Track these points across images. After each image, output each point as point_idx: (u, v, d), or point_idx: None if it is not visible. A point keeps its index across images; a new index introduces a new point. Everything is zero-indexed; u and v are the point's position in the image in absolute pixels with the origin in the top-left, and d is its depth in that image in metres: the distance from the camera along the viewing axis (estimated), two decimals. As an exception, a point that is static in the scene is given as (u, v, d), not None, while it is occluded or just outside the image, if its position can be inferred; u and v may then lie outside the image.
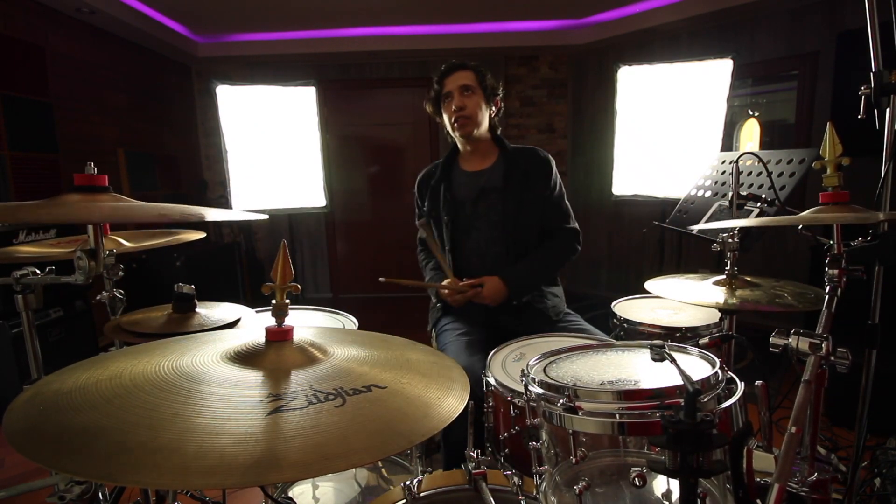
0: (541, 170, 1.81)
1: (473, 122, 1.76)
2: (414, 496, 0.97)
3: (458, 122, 1.75)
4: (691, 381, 0.71)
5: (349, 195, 5.30)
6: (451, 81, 1.76)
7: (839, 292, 1.00)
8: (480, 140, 1.82)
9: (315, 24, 4.54)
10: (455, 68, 1.78)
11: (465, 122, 1.75)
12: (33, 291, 0.99)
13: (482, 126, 1.79)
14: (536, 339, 1.51)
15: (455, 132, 1.79)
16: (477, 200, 1.80)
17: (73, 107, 3.56)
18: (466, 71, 1.76)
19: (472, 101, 1.75)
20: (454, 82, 1.75)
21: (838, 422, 2.27)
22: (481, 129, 1.79)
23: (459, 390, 0.72)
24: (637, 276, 1.73)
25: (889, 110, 1.16)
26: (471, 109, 1.74)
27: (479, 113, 1.76)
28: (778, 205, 1.65)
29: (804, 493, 0.99)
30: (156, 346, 0.80)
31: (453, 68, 1.78)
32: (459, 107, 1.74)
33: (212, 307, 1.26)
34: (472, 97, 1.75)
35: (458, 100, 1.74)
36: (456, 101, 1.74)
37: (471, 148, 1.84)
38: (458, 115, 1.74)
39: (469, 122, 1.75)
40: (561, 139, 5.24)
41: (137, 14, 3.91)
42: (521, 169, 1.79)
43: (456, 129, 1.78)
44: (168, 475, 0.50)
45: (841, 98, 3.35)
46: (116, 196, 0.94)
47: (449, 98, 1.77)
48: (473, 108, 1.75)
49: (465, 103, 1.74)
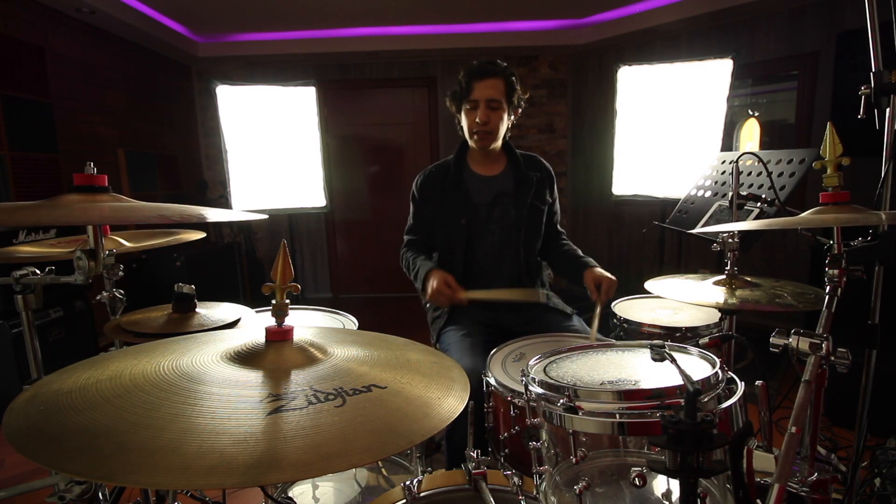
0: (546, 179, 1.87)
1: (494, 137, 1.75)
2: (414, 496, 0.97)
3: (479, 134, 1.73)
4: (691, 381, 0.71)
5: (349, 195, 5.30)
6: (480, 89, 1.70)
7: (839, 292, 1.00)
8: (495, 148, 1.82)
9: (315, 24, 4.54)
10: (487, 74, 1.70)
11: (485, 137, 1.73)
12: (33, 291, 0.99)
13: (500, 139, 1.79)
14: (536, 339, 1.51)
15: (473, 142, 1.78)
16: (492, 205, 1.80)
17: (72, 107, 3.56)
18: (497, 80, 1.70)
19: (496, 115, 1.71)
20: (483, 92, 1.69)
21: (838, 422, 2.27)
22: (499, 141, 1.79)
23: (459, 390, 0.72)
24: (637, 276, 1.73)
25: (889, 110, 1.16)
26: (493, 125, 1.72)
27: (500, 128, 1.74)
28: (778, 205, 1.65)
29: (804, 493, 0.99)
30: (156, 346, 0.80)
31: (486, 73, 1.70)
32: (483, 121, 1.70)
33: (212, 307, 1.26)
34: (497, 112, 1.71)
35: (483, 113, 1.70)
36: (480, 115, 1.70)
37: (482, 152, 1.83)
38: (480, 129, 1.72)
39: (489, 137, 1.74)
40: (561, 139, 5.24)
41: (137, 14, 3.91)
42: (530, 177, 1.82)
43: (475, 141, 1.76)
44: (168, 475, 0.50)
45: (841, 98, 3.35)
46: (116, 196, 0.94)
47: (474, 107, 1.72)
48: (496, 123, 1.72)
49: (489, 118, 1.70)
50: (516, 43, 4.89)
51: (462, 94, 1.75)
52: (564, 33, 4.82)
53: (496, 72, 1.71)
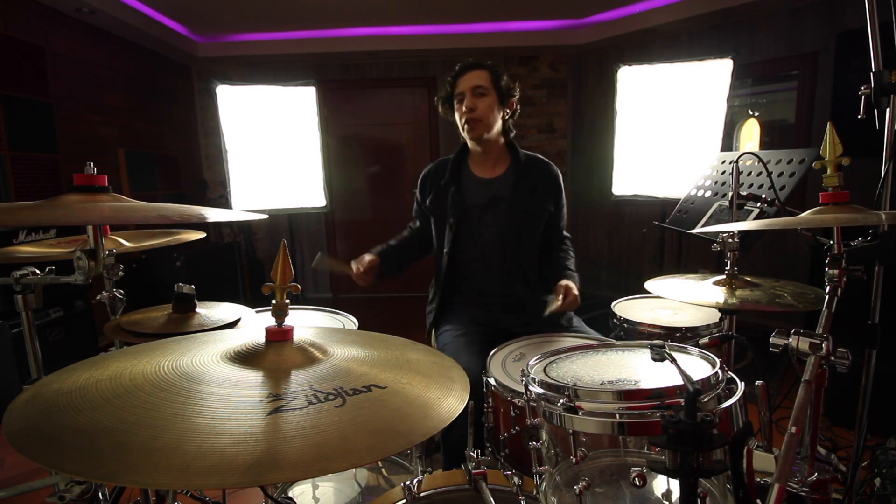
0: (549, 186, 1.81)
1: (484, 124, 1.71)
2: (414, 496, 0.97)
3: (469, 123, 1.71)
4: (691, 381, 0.71)
5: (349, 195, 5.30)
6: (464, 81, 1.71)
7: (839, 292, 1.00)
8: (492, 143, 1.77)
9: (315, 24, 4.54)
10: (469, 68, 1.72)
11: (475, 125, 1.70)
12: (33, 291, 0.99)
13: (493, 129, 1.74)
14: (536, 339, 1.51)
15: (465, 134, 1.75)
16: (486, 208, 1.78)
17: (72, 107, 3.56)
18: (481, 70, 1.71)
19: (483, 102, 1.70)
20: (467, 83, 1.70)
21: (838, 422, 2.26)
22: (492, 131, 1.74)
23: (459, 390, 0.72)
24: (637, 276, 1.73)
25: (889, 110, 1.16)
26: (482, 111, 1.70)
27: (490, 115, 1.71)
28: (778, 205, 1.65)
29: (804, 493, 0.99)
30: (156, 346, 0.80)
31: (467, 68, 1.73)
32: (470, 108, 1.69)
33: (212, 307, 1.26)
34: (483, 98, 1.70)
35: (469, 101, 1.69)
36: (467, 102, 1.70)
37: (482, 150, 1.79)
38: (468, 116, 1.70)
39: (479, 125, 1.71)
40: (561, 139, 5.24)
41: (137, 14, 3.91)
42: (531, 182, 1.78)
43: (466, 132, 1.74)
44: (168, 475, 0.50)
45: (841, 98, 3.35)
46: (116, 196, 0.94)
47: (461, 99, 1.72)
48: (485, 110, 1.70)
49: (476, 104, 1.69)
50: (516, 43, 4.89)
51: (449, 94, 1.77)
52: (564, 33, 4.82)
53: (479, 64, 1.73)
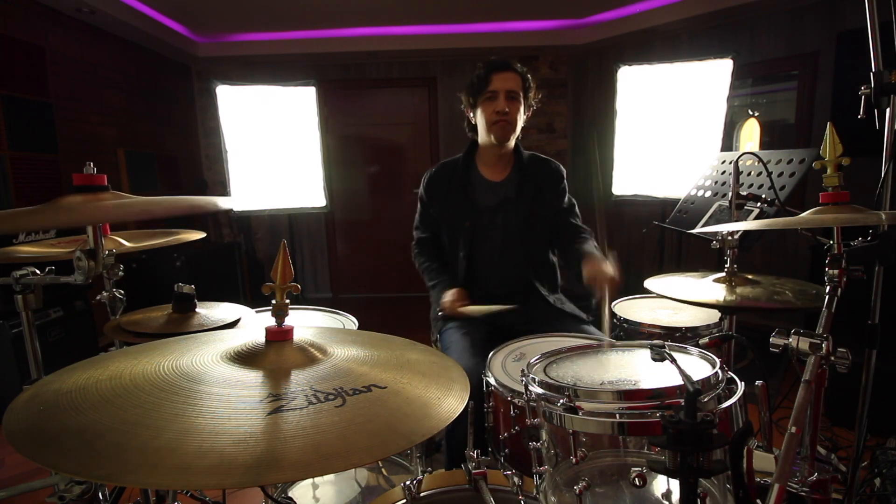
0: (553, 184, 1.85)
1: (513, 128, 1.74)
2: (414, 496, 0.97)
3: (499, 124, 1.72)
4: (691, 381, 0.71)
5: (349, 195, 5.30)
6: (498, 80, 1.70)
7: (839, 292, 1.00)
8: (508, 146, 1.80)
9: (315, 24, 4.54)
10: (506, 67, 1.72)
11: (505, 126, 1.72)
12: (33, 291, 0.99)
13: (517, 134, 1.78)
14: (536, 339, 1.51)
15: (490, 134, 1.75)
16: (496, 210, 1.81)
17: (72, 107, 3.56)
18: (515, 75, 1.72)
19: (514, 106, 1.72)
20: (502, 83, 1.70)
21: (838, 422, 2.26)
22: (515, 135, 1.78)
23: (459, 390, 0.72)
24: (637, 276, 1.72)
25: (889, 110, 1.16)
26: (513, 115, 1.72)
27: (518, 121, 1.75)
28: (778, 205, 1.65)
29: (804, 493, 0.99)
30: (156, 346, 0.80)
31: (504, 67, 1.72)
32: (504, 110, 1.70)
33: (212, 307, 1.26)
34: (514, 103, 1.72)
35: (504, 103, 1.70)
36: (501, 104, 1.70)
37: (499, 152, 1.81)
38: (501, 118, 1.71)
39: (510, 128, 1.73)
40: (561, 139, 5.23)
41: (137, 14, 3.90)
42: (535, 182, 1.81)
43: (494, 132, 1.74)
44: (168, 475, 0.50)
45: (841, 98, 3.35)
46: (117, 194, 0.94)
47: (493, 98, 1.72)
48: (515, 115, 1.73)
49: (509, 108, 1.70)
50: (516, 43, 4.89)
51: (480, 85, 1.74)
52: (564, 33, 4.82)
53: (514, 67, 1.73)
